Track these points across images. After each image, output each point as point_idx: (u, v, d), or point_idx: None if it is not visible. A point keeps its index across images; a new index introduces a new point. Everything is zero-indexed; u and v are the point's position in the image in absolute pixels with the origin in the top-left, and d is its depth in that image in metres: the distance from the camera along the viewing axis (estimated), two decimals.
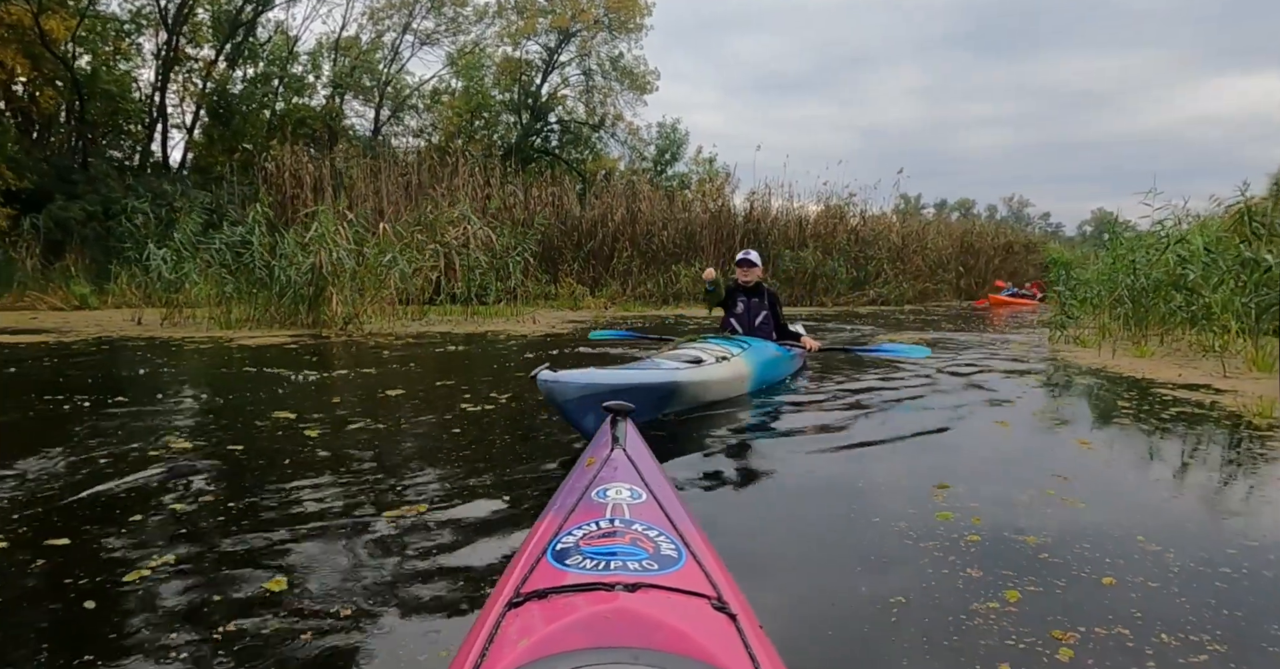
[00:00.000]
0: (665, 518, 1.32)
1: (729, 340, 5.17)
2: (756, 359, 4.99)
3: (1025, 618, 1.81)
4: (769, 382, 5.22)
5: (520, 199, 17.66)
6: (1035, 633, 1.73)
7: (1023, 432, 4.08)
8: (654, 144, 29.05)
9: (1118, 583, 2.02)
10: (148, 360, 6.68)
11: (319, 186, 16.22)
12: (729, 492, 3.00)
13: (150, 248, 10.18)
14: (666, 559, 1.13)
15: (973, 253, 25.56)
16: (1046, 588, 1.99)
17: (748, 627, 0.99)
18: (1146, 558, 2.20)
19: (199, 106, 24.04)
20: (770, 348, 5.37)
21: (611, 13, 25.71)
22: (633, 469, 1.62)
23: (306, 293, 9.66)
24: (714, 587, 1.08)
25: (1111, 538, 2.36)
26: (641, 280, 17.61)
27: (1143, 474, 3.38)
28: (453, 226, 12.72)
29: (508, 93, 27.04)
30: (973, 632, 1.74)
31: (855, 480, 3.07)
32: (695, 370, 4.24)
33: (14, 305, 13.06)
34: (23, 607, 1.85)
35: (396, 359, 6.91)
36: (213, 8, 24.12)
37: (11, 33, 18.51)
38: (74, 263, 15.33)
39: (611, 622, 0.93)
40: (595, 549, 1.16)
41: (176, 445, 3.40)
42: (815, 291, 19.43)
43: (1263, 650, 1.68)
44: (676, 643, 0.88)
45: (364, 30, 26.05)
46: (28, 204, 17.22)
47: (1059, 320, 9.52)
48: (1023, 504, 2.70)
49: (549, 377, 3.23)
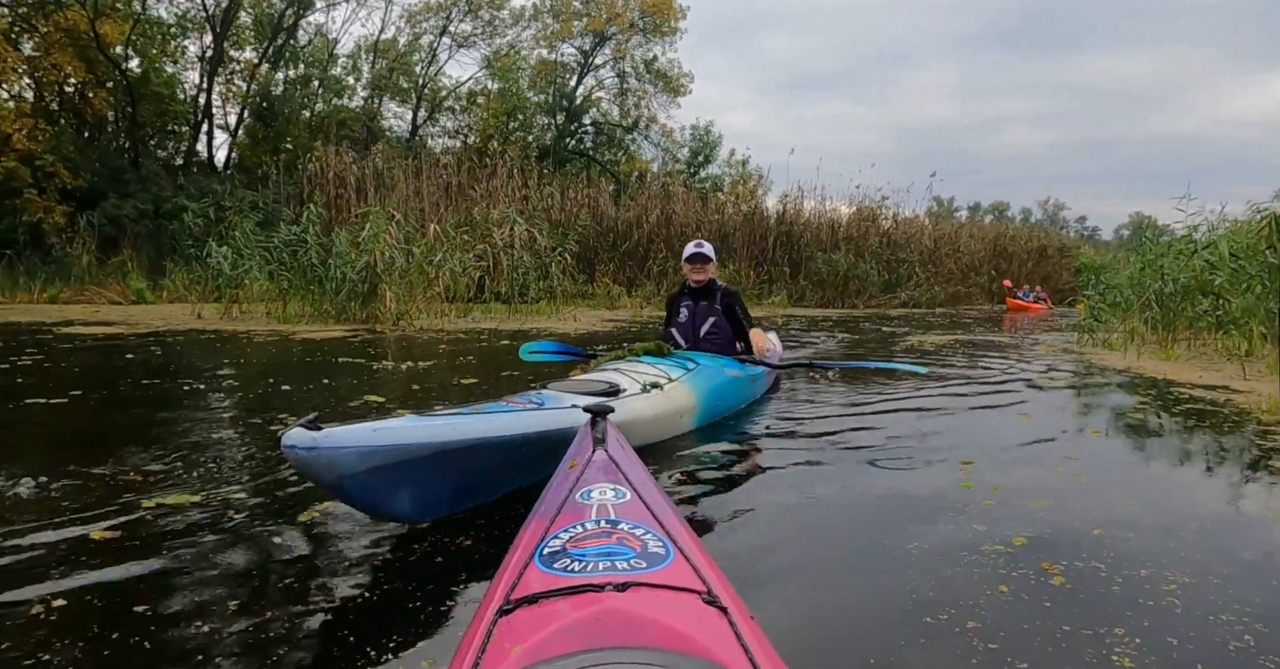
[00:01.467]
0: (651, 516, 1.33)
1: (670, 359, 4.04)
2: (704, 384, 3.82)
3: (1021, 558, 2.20)
4: (723, 412, 4.07)
5: (557, 200, 17.98)
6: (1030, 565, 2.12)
7: (1041, 422, 4.39)
8: (687, 146, 29.32)
9: (1105, 535, 2.40)
10: (226, 350, 7.05)
11: (361, 187, 16.65)
12: (753, 497, 2.85)
13: (211, 245, 10.59)
14: (655, 557, 1.14)
15: (1006, 256, 25.54)
16: (1040, 536, 2.37)
17: (739, 619, 1.00)
18: (1133, 515, 2.66)
19: (243, 108, 24.66)
20: (725, 367, 4.20)
21: (646, 16, 26.01)
22: (615, 469, 1.64)
23: (360, 290, 9.99)
24: (703, 581, 1.08)
25: (1103, 501, 2.79)
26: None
27: (1144, 456, 3.76)
28: (497, 228, 13.03)
29: (543, 95, 27.42)
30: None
31: (884, 467, 3.29)
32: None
33: (74, 299, 13.57)
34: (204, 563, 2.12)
35: (455, 352, 7.21)
36: (255, 11, 24.74)
37: (67, 37, 19.18)
38: (129, 259, 15.82)
39: (603, 623, 0.93)
40: (583, 551, 1.16)
41: (291, 422, 3.70)
42: (847, 294, 19.55)
43: (1223, 581, 2.06)
44: (670, 640, 0.89)
45: (401, 33, 26.60)
46: (83, 202, 17.83)
47: (1087, 324, 9.69)
48: (1035, 477, 3.13)
49: (303, 442, 1.97)
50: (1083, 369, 7.01)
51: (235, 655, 1.58)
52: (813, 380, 5.69)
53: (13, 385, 4.82)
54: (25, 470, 2.80)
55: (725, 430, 3.86)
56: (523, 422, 2.56)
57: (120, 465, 2.92)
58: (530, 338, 8.78)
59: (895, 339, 10.03)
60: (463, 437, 2.31)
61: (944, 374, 6.28)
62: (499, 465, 2.52)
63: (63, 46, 19.14)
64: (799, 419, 4.29)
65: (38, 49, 19.88)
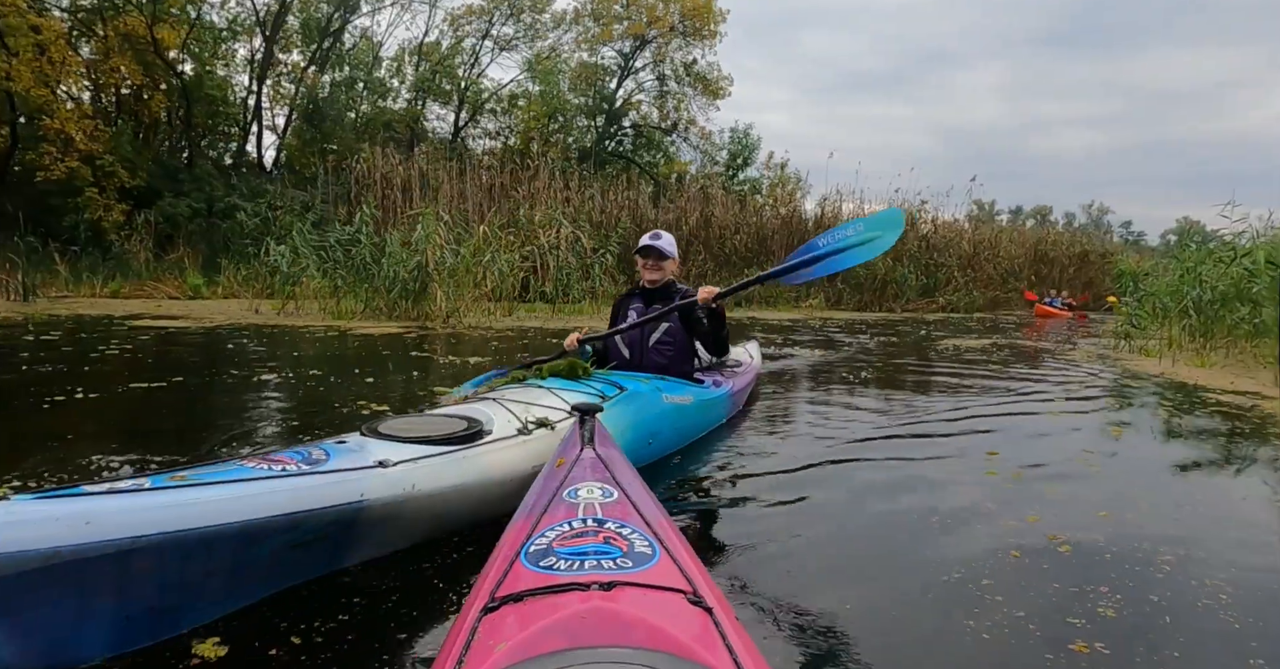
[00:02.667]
0: (638, 515, 1.33)
1: (586, 383, 3.09)
2: (629, 417, 2.90)
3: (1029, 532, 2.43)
4: (663, 450, 3.18)
5: (598, 202, 18.23)
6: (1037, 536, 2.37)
7: (1068, 418, 4.59)
8: (726, 149, 29.47)
9: (1110, 515, 2.63)
10: (291, 343, 7.38)
11: (407, 188, 17.03)
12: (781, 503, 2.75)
13: (270, 244, 10.98)
14: (640, 556, 1.14)
15: (1046, 261, 25.30)
16: (1050, 515, 2.61)
17: (724, 619, 1.00)
18: (1134, 498, 2.90)
19: (291, 110, 25.28)
20: (665, 391, 3.26)
21: (687, 20, 26.20)
22: (603, 468, 1.64)
23: (412, 288, 10.30)
24: (689, 581, 1.08)
25: (1111, 484, 3.10)
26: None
27: (1156, 451, 3.95)
28: (543, 230, 13.31)
29: (583, 97, 27.73)
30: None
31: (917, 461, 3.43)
32: (430, 465, 2.09)
33: (134, 294, 14.07)
34: None
35: (507, 349, 7.45)
36: (303, 15, 25.35)
37: (126, 41, 19.85)
38: (185, 256, 16.34)
39: (588, 622, 0.93)
40: (569, 550, 1.16)
41: (376, 408, 3.97)
42: (884, 297, 19.56)
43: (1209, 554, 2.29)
44: (654, 639, 0.89)
45: (444, 36, 27.09)
46: (140, 201, 18.46)
47: (1124, 330, 9.70)
48: (1054, 464, 3.40)
49: None
50: (1114, 373, 7.06)
51: (213, 654, 1.54)
52: (812, 390, 5.56)
53: (117, 372, 5.20)
54: (143, 446, 3.06)
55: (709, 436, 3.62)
56: (267, 497, 1.67)
57: (231, 439, 3.18)
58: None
59: (931, 342, 10.10)
60: (129, 533, 1.44)
61: (974, 376, 6.39)
62: (206, 574, 1.63)
63: (122, 51, 19.81)
64: (792, 420, 4.21)
65: (96, 52, 20.61)
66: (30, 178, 17.54)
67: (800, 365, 7.02)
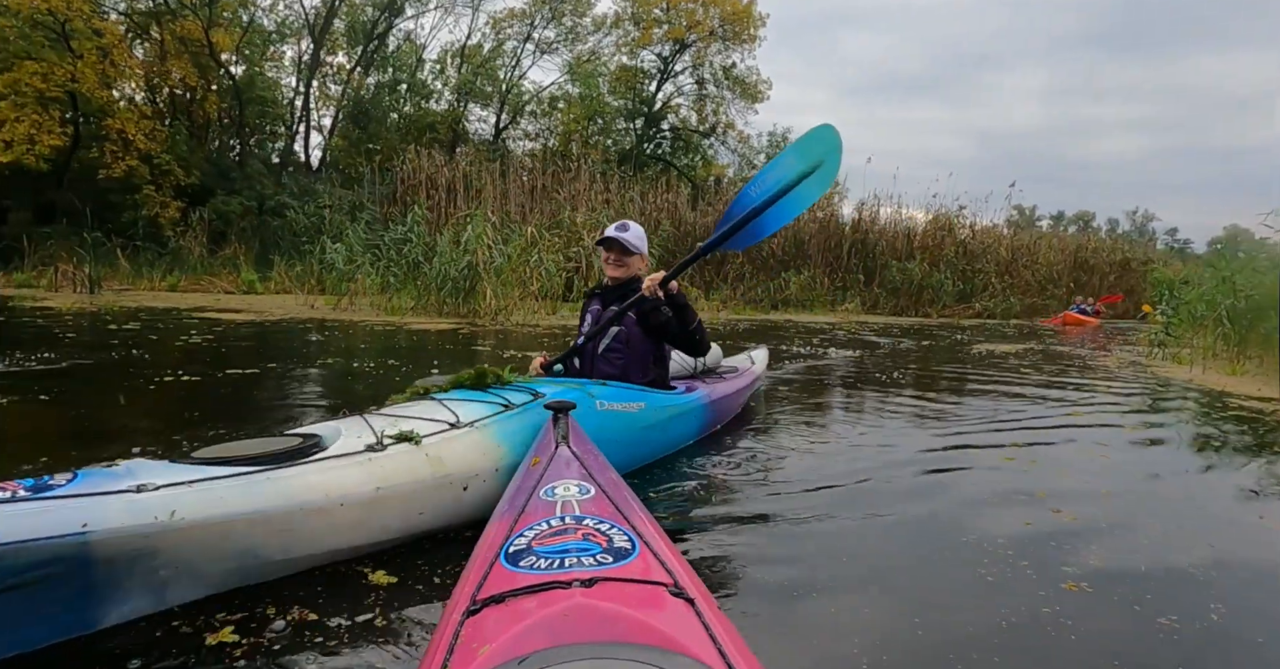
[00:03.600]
0: (615, 510, 1.33)
1: (493, 392, 2.65)
2: (532, 430, 2.42)
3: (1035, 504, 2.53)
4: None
5: (637, 204, 18.49)
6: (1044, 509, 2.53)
7: (1088, 418, 4.77)
8: (764, 152, 29.62)
9: (1111, 492, 2.92)
10: (355, 335, 7.75)
11: (452, 188, 17.44)
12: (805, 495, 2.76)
13: (325, 242, 11.40)
14: (620, 551, 1.14)
15: (1086, 269, 24.99)
16: (1056, 490, 2.86)
17: (707, 610, 1.00)
18: (1133, 484, 3.14)
19: (337, 111, 25.92)
20: (600, 399, 2.78)
21: (726, 24, 26.40)
22: (579, 465, 1.63)
23: (462, 286, 10.64)
24: (670, 574, 1.09)
25: (1120, 469, 3.36)
26: (752, 286, 18.16)
27: (1163, 445, 4.12)
28: (587, 232, 13.61)
29: (623, 100, 28.05)
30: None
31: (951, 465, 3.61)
32: (206, 489, 1.73)
33: (191, 288, 14.62)
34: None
35: (553, 345, 7.72)
36: (348, 18, 25.97)
37: (182, 45, 20.55)
38: (240, 252, 16.88)
39: (571, 619, 0.93)
40: (548, 548, 1.16)
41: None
42: (921, 303, 19.59)
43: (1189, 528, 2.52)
44: (638, 633, 0.89)
45: (486, 39, 27.56)
46: (194, 198, 19.11)
47: (1158, 337, 9.75)
48: (1067, 455, 3.66)
49: None
50: (1141, 378, 7.13)
51: (189, 661, 1.51)
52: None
53: (206, 358, 5.60)
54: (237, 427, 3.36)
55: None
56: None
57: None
58: None
59: (963, 346, 10.21)
60: None
61: (1001, 380, 6.51)
62: None
63: (178, 54, 20.51)
64: (787, 423, 4.10)
65: (149, 55, 21.35)
66: (89, 175, 18.25)
67: (811, 367, 7.12)
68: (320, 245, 11.62)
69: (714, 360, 4.18)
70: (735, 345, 8.23)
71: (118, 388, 4.26)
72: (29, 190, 17.97)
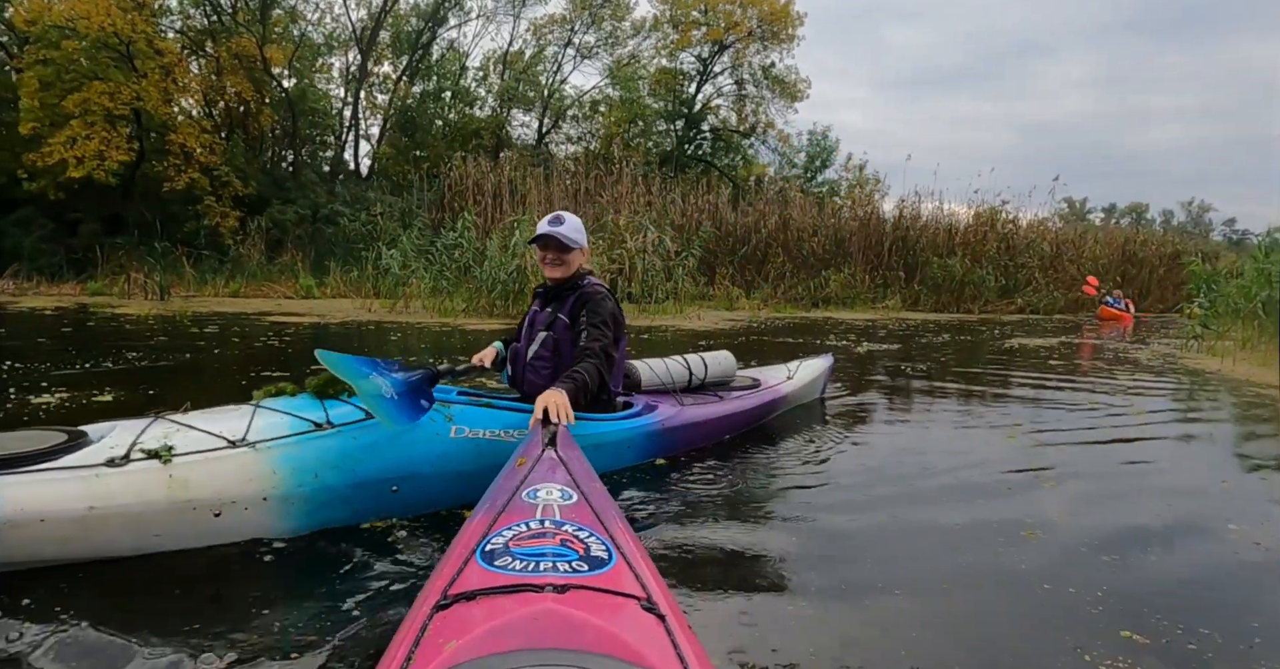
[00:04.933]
0: (596, 519, 1.32)
1: (332, 401, 2.41)
2: (338, 456, 2.23)
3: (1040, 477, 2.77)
4: (421, 503, 2.43)
5: (678, 205, 18.79)
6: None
7: (1105, 400, 5.15)
8: (804, 151, 29.74)
9: (1107, 455, 3.40)
10: (415, 335, 8.22)
11: (497, 194, 17.92)
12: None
13: (381, 249, 11.92)
14: (596, 560, 1.14)
15: (1135, 262, 24.54)
16: (1058, 462, 3.18)
17: (677, 627, 1.00)
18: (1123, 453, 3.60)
19: (385, 120, 26.66)
20: (457, 423, 2.48)
21: (765, 24, 26.58)
22: (564, 470, 1.63)
23: (511, 288, 11.07)
24: (643, 588, 1.08)
25: (1121, 440, 3.83)
26: (793, 284, 18.33)
27: (1165, 424, 4.49)
28: (630, 235, 13.96)
29: (663, 102, 28.39)
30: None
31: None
32: None
33: (252, 294, 15.29)
34: None
35: None
36: (393, 29, 26.70)
37: (238, 62, 21.39)
38: (297, 259, 17.57)
39: (540, 623, 0.93)
40: (525, 550, 1.15)
41: None
42: (963, 299, 19.55)
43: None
44: (606, 644, 0.89)
45: (528, 45, 28.10)
46: (251, 208, 19.89)
47: (1193, 330, 9.80)
48: (1079, 429, 4.09)
49: None
50: (1168, 367, 7.26)
51: (162, 655, 1.53)
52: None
53: (292, 357, 6.06)
54: None
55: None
56: None
57: None
58: (659, 334, 9.57)
59: (994, 341, 10.37)
60: None
61: (1027, 372, 6.69)
62: None
63: (233, 69, 21.36)
64: (776, 425, 3.96)
65: (204, 70, 22.25)
66: (153, 188, 19.12)
67: (842, 364, 7.34)
68: (375, 251, 12.13)
69: (723, 372, 3.79)
70: (778, 343, 8.50)
71: (228, 381, 4.71)
72: (95, 203, 18.87)
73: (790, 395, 4.05)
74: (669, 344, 8.47)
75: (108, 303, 12.60)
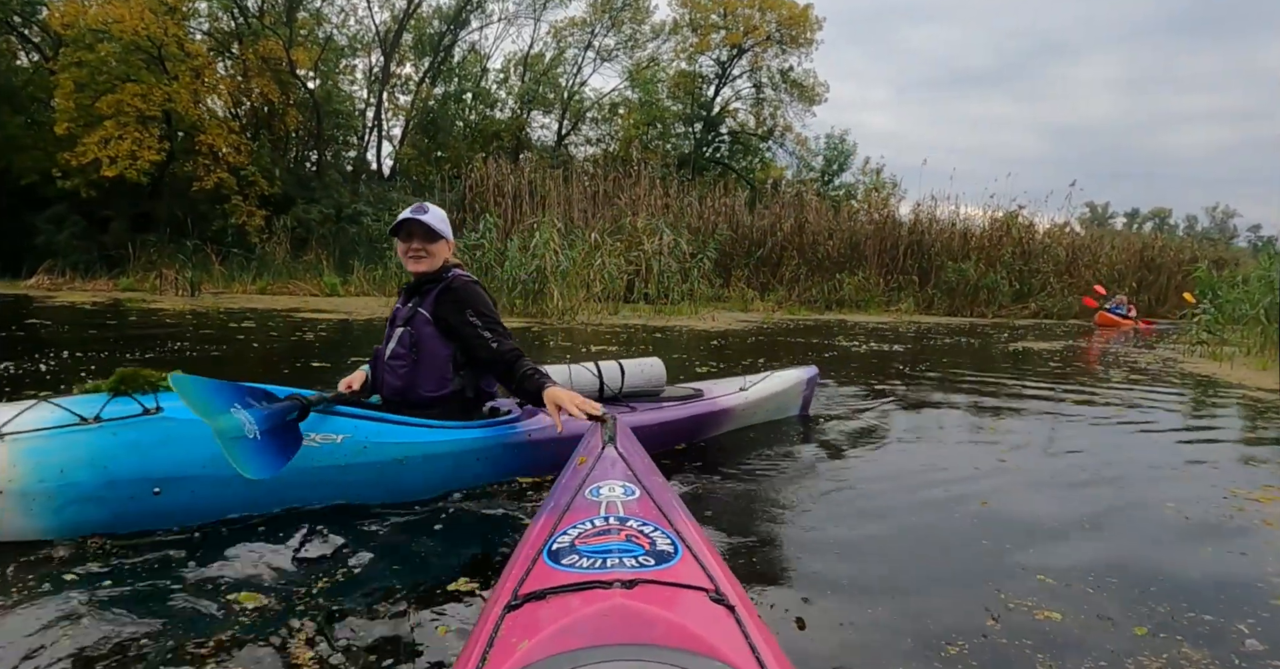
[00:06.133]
0: (659, 513, 1.33)
1: (136, 400, 2.19)
2: (94, 452, 2.06)
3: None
4: (196, 511, 2.22)
5: (695, 208, 19.05)
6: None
7: (1104, 398, 5.41)
8: (822, 154, 29.93)
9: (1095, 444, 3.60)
10: None
11: (518, 195, 18.24)
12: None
13: None
14: (662, 554, 1.14)
15: (1153, 268, 24.51)
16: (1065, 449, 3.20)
17: (746, 617, 1.00)
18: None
19: (407, 121, 27.09)
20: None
21: (783, 28, 26.80)
22: (625, 466, 1.64)
23: (531, 288, 11.39)
24: (711, 579, 1.09)
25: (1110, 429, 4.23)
26: (808, 287, 18.55)
27: (1146, 418, 4.73)
28: (647, 237, 14.26)
29: (681, 104, 28.66)
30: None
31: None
32: None
33: (279, 291, 15.70)
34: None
35: (628, 340, 8.33)
36: (415, 31, 27.12)
37: (264, 64, 21.85)
38: (322, 257, 17.96)
39: (610, 619, 0.94)
40: (591, 548, 1.16)
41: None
42: (976, 303, 19.69)
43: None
44: (676, 637, 0.89)
45: (548, 48, 28.46)
46: (277, 207, 20.31)
47: (1197, 335, 9.91)
48: (1073, 423, 4.41)
49: None
50: (1165, 371, 7.36)
51: (240, 652, 1.55)
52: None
53: (325, 350, 6.35)
54: None
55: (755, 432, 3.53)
56: None
57: None
58: (673, 333, 9.83)
59: (999, 343, 10.55)
60: None
61: (1019, 375, 6.87)
62: None
63: (260, 71, 21.82)
64: (828, 418, 4.18)
65: (231, 71, 22.72)
66: (181, 187, 19.60)
67: (855, 365, 7.56)
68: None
69: (646, 380, 3.35)
70: (790, 342, 8.74)
71: (273, 370, 5.03)
72: (126, 201, 19.34)
73: (738, 410, 3.60)
74: (683, 344, 8.73)
75: (141, 298, 13.02)
